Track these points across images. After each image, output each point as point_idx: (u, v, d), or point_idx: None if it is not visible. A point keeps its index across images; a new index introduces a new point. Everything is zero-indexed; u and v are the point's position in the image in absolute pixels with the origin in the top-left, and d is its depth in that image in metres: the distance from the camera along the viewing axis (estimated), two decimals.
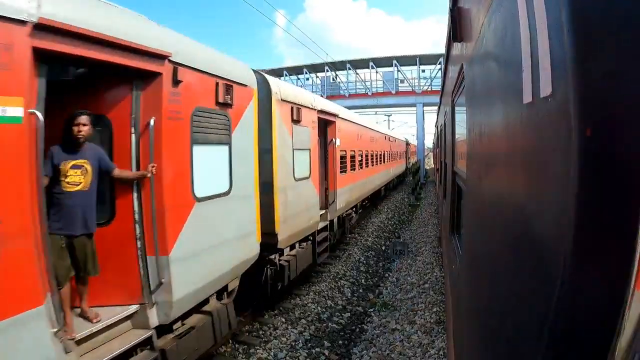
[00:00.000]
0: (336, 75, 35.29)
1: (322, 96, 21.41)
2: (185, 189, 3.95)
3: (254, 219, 5.35)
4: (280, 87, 6.42)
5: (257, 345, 5.65)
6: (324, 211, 8.91)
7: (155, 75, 3.54)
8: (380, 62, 33.07)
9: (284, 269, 6.60)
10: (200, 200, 4.12)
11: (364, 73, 33.96)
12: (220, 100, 4.46)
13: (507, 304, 1.05)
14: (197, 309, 4.38)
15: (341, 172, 9.99)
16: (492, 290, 1.32)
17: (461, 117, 2.94)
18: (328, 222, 9.20)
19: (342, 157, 10.25)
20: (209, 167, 4.36)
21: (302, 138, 7.20)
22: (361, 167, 12.98)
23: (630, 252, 0.55)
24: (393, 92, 32.24)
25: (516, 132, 1.02)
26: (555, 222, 0.69)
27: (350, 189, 11.20)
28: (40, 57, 2.62)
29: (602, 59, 0.60)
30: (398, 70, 32.58)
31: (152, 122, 3.48)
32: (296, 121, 6.86)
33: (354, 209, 12.54)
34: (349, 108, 16.53)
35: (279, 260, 6.62)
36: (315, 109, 7.89)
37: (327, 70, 34.41)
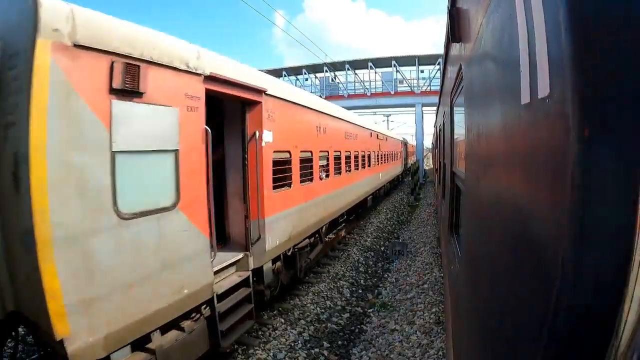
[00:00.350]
0: (335, 75, 35.30)
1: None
2: None
3: None
4: (75, 13, 2.97)
5: (256, 345, 5.64)
6: (241, 255, 5.47)
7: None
8: (379, 63, 33.08)
9: None
10: None
11: (363, 73, 33.99)
12: None
13: (506, 304, 1.05)
14: None
15: (278, 187, 6.25)
16: (491, 290, 1.32)
17: (460, 118, 2.95)
18: (249, 273, 5.49)
19: (283, 162, 6.56)
20: None
21: (148, 129, 3.61)
22: (328, 175, 9.21)
23: (628, 252, 0.55)
24: (392, 92, 32.26)
25: (514, 132, 1.02)
26: (554, 222, 0.69)
27: (300, 210, 7.25)
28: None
29: (600, 59, 0.60)
30: (397, 71, 32.60)
31: None
32: (128, 92, 3.37)
33: (316, 237, 8.63)
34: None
35: None
36: (195, 73, 4.19)
37: (326, 71, 34.41)
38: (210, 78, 4.40)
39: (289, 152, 6.77)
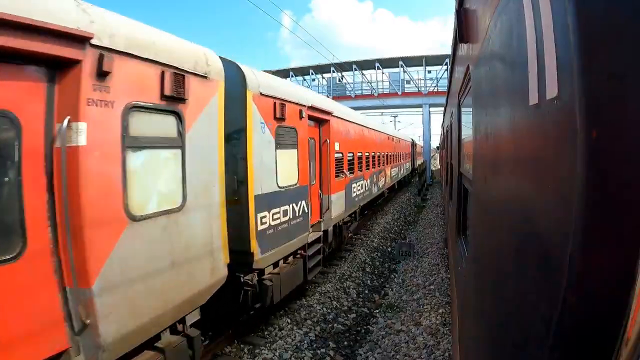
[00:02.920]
0: (342, 76, 35.29)
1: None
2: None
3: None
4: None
5: (262, 345, 5.66)
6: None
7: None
8: (387, 63, 33.02)
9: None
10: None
11: (370, 74, 33.95)
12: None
13: (513, 306, 1.05)
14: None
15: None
16: (497, 291, 1.31)
17: (467, 119, 2.93)
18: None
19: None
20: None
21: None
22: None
23: (635, 253, 0.55)
24: (399, 93, 32.17)
25: (522, 134, 1.02)
26: (561, 223, 0.69)
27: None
28: None
29: (608, 60, 0.60)
30: (404, 71, 32.49)
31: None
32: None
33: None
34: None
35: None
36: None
37: (333, 71, 34.42)
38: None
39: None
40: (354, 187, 11.06)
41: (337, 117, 8.99)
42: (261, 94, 5.45)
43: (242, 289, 5.41)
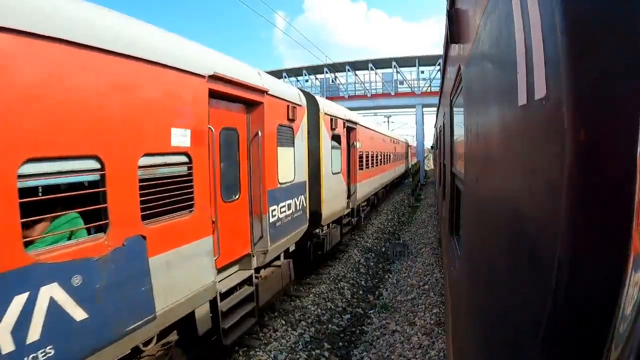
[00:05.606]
0: (335, 77, 35.31)
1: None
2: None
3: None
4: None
5: (257, 347, 5.63)
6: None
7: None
8: (380, 64, 33.09)
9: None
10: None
11: (363, 74, 34.00)
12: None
13: (504, 305, 1.05)
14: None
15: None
16: (489, 290, 1.32)
17: (459, 119, 2.95)
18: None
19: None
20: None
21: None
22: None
23: (624, 252, 0.55)
24: (392, 93, 32.25)
25: (512, 134, 1.02)
26: (550, 222, 0.69)
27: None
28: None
29: (596, 60, 0.60)
30: (397, 72, 32.61)
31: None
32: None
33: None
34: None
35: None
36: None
37: (327, 72, 34.43)
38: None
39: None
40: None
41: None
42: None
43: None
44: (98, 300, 2.83)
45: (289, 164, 6.57)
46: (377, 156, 16.20)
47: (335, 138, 9.47)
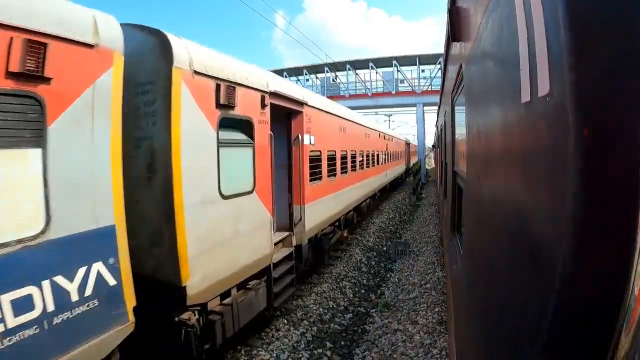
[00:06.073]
0: (336, 76, 35.28)
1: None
2: None
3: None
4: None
5: (259, 346, 5.64)
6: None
7: None
8: (380, 63, 33.03)
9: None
10: None
11: (364, 73, 33.95)
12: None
13: (507, 304, 1.05)
14: None
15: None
16: (492, 289, 1.31)
17: (461, 117, 2.94)
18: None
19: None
20: None
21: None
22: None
23: (628, 251, 0.54)
24: (393, 92, 32.21)
25: (515, 131, 1.02)
26: (554, 220, 0.69)
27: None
28: None
29: (599, 57, 0.60)
30: (398, 71, 32.55)
31: None
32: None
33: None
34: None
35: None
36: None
37: (327, 71, 34.40)
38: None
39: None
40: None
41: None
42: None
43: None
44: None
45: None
46: (354, 157, 11.87)
47: (238, 125, 4.96)
